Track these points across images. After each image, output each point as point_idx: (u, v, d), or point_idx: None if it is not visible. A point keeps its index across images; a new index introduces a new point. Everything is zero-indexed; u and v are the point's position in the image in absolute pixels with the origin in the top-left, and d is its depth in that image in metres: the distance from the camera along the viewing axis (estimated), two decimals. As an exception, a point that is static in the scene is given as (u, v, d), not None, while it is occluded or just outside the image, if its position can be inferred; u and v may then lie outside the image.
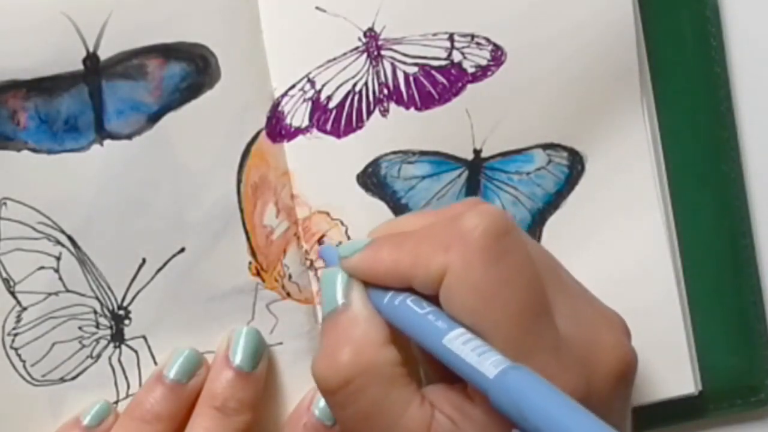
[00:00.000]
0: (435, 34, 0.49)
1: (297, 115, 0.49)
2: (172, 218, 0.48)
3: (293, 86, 0.49)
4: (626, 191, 0.51)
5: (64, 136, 0.48)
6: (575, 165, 0.51)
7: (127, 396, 0.49)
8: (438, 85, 0.49)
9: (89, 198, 0.48)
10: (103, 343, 0.49)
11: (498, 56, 0.49)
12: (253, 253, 0.49)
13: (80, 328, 0.49)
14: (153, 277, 0.49)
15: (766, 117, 0.53)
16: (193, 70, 0.48)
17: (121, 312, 0.49)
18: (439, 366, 0.43)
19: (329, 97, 0.49)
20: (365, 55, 0.49)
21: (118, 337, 0.49)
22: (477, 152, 0.50)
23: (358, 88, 0.49)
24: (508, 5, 0.49)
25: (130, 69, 0.48)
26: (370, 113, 0.49)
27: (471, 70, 0.49)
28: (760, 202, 0.53)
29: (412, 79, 0.49)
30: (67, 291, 0.49)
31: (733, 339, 0.52)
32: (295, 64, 0.49)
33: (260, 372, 0.49)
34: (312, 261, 0.50)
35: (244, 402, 0.48)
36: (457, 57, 0.49)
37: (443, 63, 0.49)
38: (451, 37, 0.49)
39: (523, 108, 0.50)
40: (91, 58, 0.47)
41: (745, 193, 0.52)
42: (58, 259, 0.48)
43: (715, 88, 0.52)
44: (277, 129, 0.49)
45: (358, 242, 0.44)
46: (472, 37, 0.49)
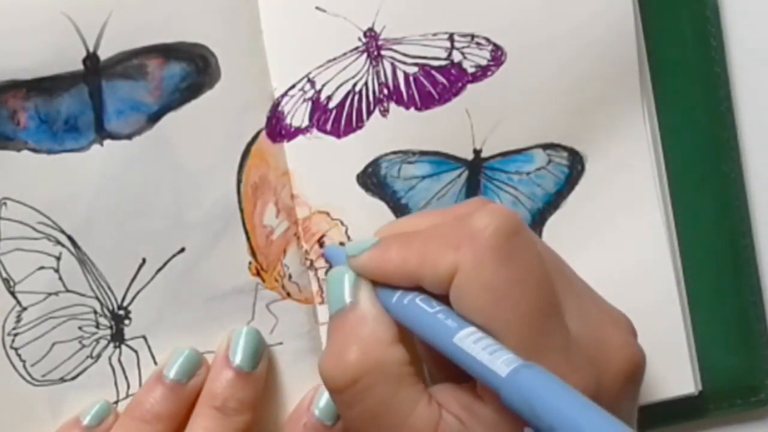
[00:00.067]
0: (435, 34, 0.49)
1: (297, 115, 0.49)
2: (172, 218, 0.48)
3: (293, 86, 0.49)
4: (626, 191, 0.51)
5: (64, 136, 0.48)
6: (575, 165, 0.51)
7: (127, 396, 0.49)
8: (438, 85, 0.49)
9: (89, 198, 0.48)
10: (103, 343, 0.49)
11: (498, 56, 0.49)
12: (253, 253, 0.49)
13: (80, 328, 0.49)
14: (153, 277, 0.49)
15: (766, 117, 0.53)
16: (193, 70, 0.48)
17: (121, 312, 0.49)
18: (445, 366, 0.43)
19: (329, 97, 0.49)
20: (365, 55, 0.49)
21: (118, 337, 0.49)
22: (477, 152, 0.50)
23: (358, 88, 0.49)
24: (508, 5, 0.49)
25: (130, 69, 0.48)
26: (370, 113, 0.49)
27: (471, 70, 0.49)
28: (760, 202, 0.53)
29: (412, 79, 0.49)
30: (67, 291, 0.49)
31: (733, 339, 0.52)
32: (295, 64, 0.49)
33: (260, 372, 0.49)
34: (312, 261, 0.50)
35: (244, 402, 0.48)
36: (457, 57, 0.49)
37: (443, 63, 0.49)
38: (451, 37, 0.49)
39: (523, 108, 0.50)
40: (91, 58, 0.47)
41: (745, 193, 0.52)
42: (58, 259, 0.48)
43: (715, 88, 0.52)
44: (277, 129, 0.49)
45: (365, 242, 0.44)
46: (472, 37, 0.49)
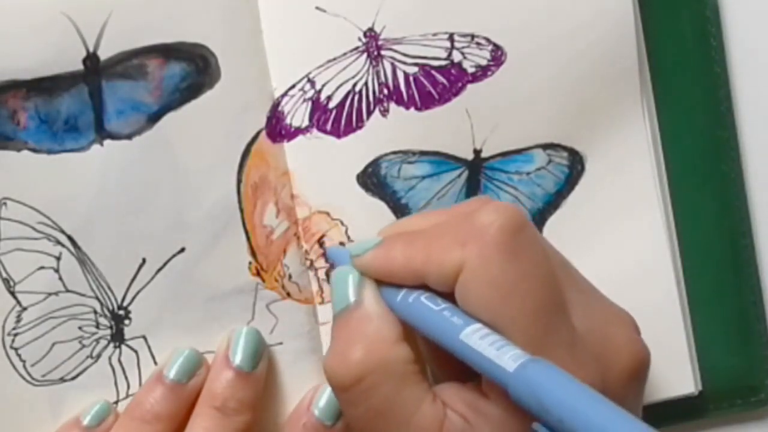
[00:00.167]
0: (435, 34, 0.49)
1: (297, 115, 0.49)
2: (172, 218, 0.48)
3: (293, 86, 0.49)
4: (626, 191, 0.51)
5: (64, 136, 0.48)
6: (575, 165, 0.51)
7: (127, 396, 0.49)
8: (438, 85, 0.49)
9: (89, 198, 0.48)
10: (103, 343, 0.49)
11: (498, 56, 0.49)
12: (253, 253, 0.49)
13: (80, 328, 0.49)
14: (153, 277, 0.49)
15: (766, 117, 0.53)
16: (193, 70, 0.48)
17: (121, 312, 0.49)
18: (448, 366, 0.43)
19: (329, 97, 0.49)
20: (365, 55, 0.49)
21: (118, 337, 0.49)
22: (477, 152, 0.50)
23: (358, 88, 0.49)
24: (509, 5, 0.49)
25: (130, 69, 0.48)
26: (370, 113, 0.49)
27: (471, 70, 0.49)
28: (760, 202, 0.53)
29: (412, 79, 0.49)
30: (67, 291, 0.49)
31: (733, 339, 0.52)
32: (295, 64, 0.49)
33: (260, 372, 0.49)
34: (312, 261, 0.50)
35: (244, 402, 0.48)
36: (457, 57, 0.49)
37: (443, 63, 0.49)
38: (451, 37, 0.49)
39: (523, 108, 0.50)
40: (91, 58, 0.47)
41: (745, 193, 0.52)
42: (58, 259, 0.48)
43: (715, 88, 0.52)
44: (277, 129, 0.49)
45: (369, 241, 0.44)
46: (472, 37, 0.49)
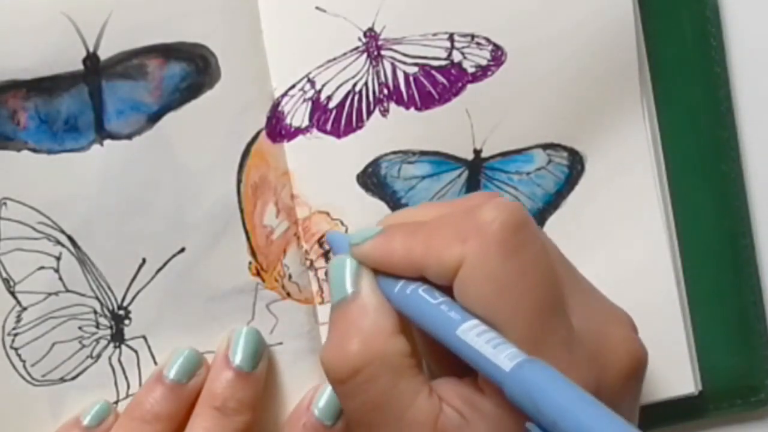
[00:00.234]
0: (435, 34, 0.49)
1: (297, 115, 0.49)
2: (172, 218, 0.48)
3: (293, 86, 0.49)
4: (626, 191, 0.51)
5: (64, 136, 0.48)
6: (575, 165, 0.51)
7: (127, 396, 0.49)
8: (438, 85, 0.49)
9: (89, 198, 0.48)
10: (103, 343, 0.49)
11: (498, 56, 0.49)
12: (253, 253, 0.49)
13: (80, 328, 0.49)
14: (153, 277, 0.49)
15: (766, 117, 0.53)
16: (193, 70, 0.48)
17: (121, 312, 0.49)
18: (443, 361, 0.43)
19: (329, 97, 0.49)
20: (365, 55, 0.49)
21: (118, 337, 0.49)
22: (477, 152, 0.50)
23: (358, 88, 0.49)
24: (508, 5, 0.49)
25: (130, 69, 0.48)
26: (370, 113, 0.49)
27: (471, 70, 0.49)
28: (760, 202, 0.53)
29: (412, 79, 0.49)
30: (67, 291, 0.49)
31: (733, 339, 0.52)
32: (295, 64, 0.49)
33: (260, 372, 0.49)
34: (312, 261, 0.50)
35: (243, 402, 0.48)
36: (457, 57, 0.49)
37: (443, 63, 0.49)
38: (451, 37, 0.49)
39: (523, 108, 0.50)
40: (91, 58, 0.47)
41: (745, 193, 0.52)
42: (58, 259, 0.48)
43: (715, 88, 0.52)
44: (277, 129, 0.49)
45: (369, 230, 0.44)
46: (472, 37, 0.49)
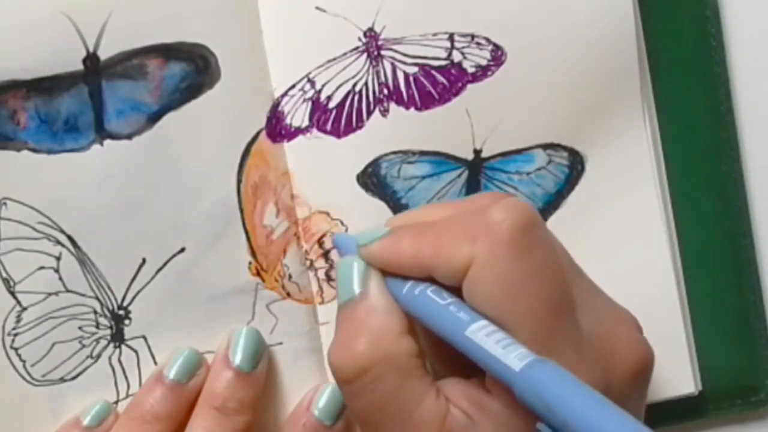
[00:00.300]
0: (435, 34, 0.49)
1: (297, 115, 0.49)
2: (172, 218, 0.48)
3: (293, 86, 0.49)
4: (626, 191, 0.51)
5: (64, 136, 0.48)
6: (575, 165, 0.51)
7: (127, 396, 0.49)
8: (438, 85, 0.49)
9: (89, 198, 0.48)
10: (103, 343, 0.49)
11: (498, 56, 0.49)
12: (253, 253, 0.49)
13: (80, 328, 0.49)
14: (153, 277, 0.49)
15: (766, 117, 0.53)
16: (193, 70, 0.48)
17: (121, 312, 0.49)
18: (448, 362, 0.43)
19: (329, 97, 0.49)
20: (365, 55, 0.49)
21: (118, 337, 0.49)
22: (477, 152, 0.50)
23: (358, 88, 0.49)
24: (508, 5, 0.49)
25: (130, 69, 0.48)
26: (370, 113, 0.49)
27: (471, 70, 0.49)
28: (760, 202, 0.53)
29: (412, 79, 0.49)
30: (67, 291, 0.49)
31: (733, 339, 0.52)
32: (295, 64, 0.49)
33: (260, 372, 0.49)
34: (312, 261, 0.50)
35: (243, 402, 0.48)
36: (457, 57, 0.49)
37: (443, 63, 0.49)
38: (451, 37, 0.49)
39: (523, 108, 0.50)
40: (91, 58, 0.47)
41: (745, 193, 0.52)
42: (58, 259, 0.48)
43: (715, 88, 0.52)
44: (277, 129, 0.49)
45: (376, 231, 0.44)
46: (472, 37, 0.49)
